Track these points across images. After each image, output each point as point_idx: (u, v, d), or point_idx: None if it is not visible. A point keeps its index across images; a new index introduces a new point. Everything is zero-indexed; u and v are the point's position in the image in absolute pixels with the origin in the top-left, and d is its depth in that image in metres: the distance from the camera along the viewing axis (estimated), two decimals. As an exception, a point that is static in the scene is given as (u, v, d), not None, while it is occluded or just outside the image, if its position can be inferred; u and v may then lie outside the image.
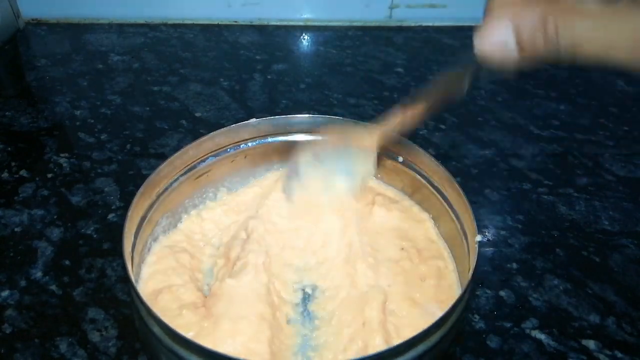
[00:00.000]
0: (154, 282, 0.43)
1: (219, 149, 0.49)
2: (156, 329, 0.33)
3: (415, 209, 0.51)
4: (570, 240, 0.55)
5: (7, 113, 0.71)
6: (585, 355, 0.44)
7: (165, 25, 0.96)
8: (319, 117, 0.50)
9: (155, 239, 0.46)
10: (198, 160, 0.48)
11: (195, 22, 0.96)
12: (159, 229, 0.46)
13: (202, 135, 0.68)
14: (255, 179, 0.53)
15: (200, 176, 0.48)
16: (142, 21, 0.96)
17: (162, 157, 0.64)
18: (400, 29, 0.97)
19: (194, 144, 0.46)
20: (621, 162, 0.66)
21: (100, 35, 0.92)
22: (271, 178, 0.52)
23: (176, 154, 0.45)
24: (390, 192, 0.53)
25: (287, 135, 0.51)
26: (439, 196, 0.47)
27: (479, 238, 0.39)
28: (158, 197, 0.45)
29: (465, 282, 0.36)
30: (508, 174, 0.63)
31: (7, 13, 0.79)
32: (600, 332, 0.46)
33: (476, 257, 0.38)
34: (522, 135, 0.70)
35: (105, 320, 0.45)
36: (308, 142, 0.48)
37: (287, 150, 0.49)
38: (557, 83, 0.82)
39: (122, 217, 0.55)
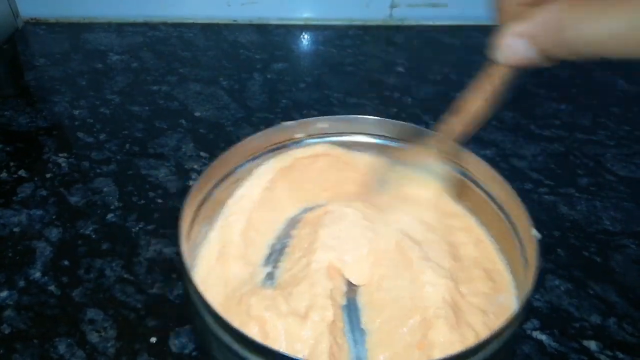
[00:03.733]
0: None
1: (255, 152, 0.48)
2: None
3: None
4: (571, 240, 0.55)
5: (5, 113, 0.71)
6: (587, 356, 0.44)
7: (165, 24, 0.95)
8: (361, 117, 0.49)
9: (204, 235, 0.45)
10: (237, 165, 0.47)
11: (194, 22, 0.96)
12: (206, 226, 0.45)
13: (202, 135, 0.68)
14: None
15: (237, 180, 0.47)
16: (141, 20, 0.96)
17: (162, 157, 0.64)
18: (400, 28, 0.97)
19: (231, 149, 0.45)
20: (622, 162, 0.65)
21: (99, 35, 0.92)
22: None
23: (216, 160, 0.44)
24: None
25: (341, 136, 0.50)
26: (482, 193, 0.46)
27: (535, 233, 0.38)
28: (200, 205, 0.44)
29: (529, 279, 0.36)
30: (509, 173, 0.63)
31: (5, 12, 0.78)
32: (602, 332, 0.46)
33: (537, 250, 0.36)
34: (523, 135, 0.70)
35: (104, 320, 0.45)
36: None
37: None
38: (558, 83, 0.82)
39: (121, 217, 0.55)
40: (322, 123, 0.49)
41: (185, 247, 0.37)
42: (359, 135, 0.51)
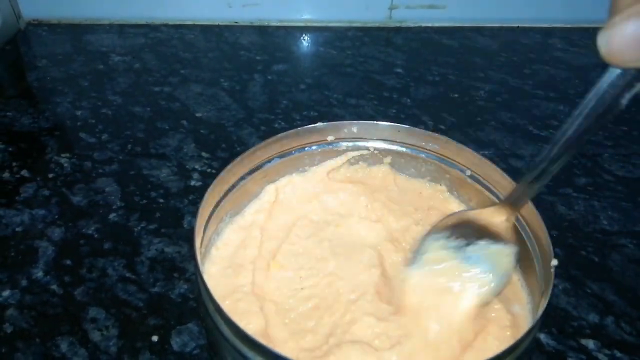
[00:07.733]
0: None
1: (285, 150, 0.49)
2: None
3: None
4: (569, 240, 0.55)
5: (8, 113, 0.72)
6: (584, 355, 0.44)
7: (166, 25, 0.96)
8: (386, 124, 0.49)
9: (218, 234, 0.45)
10: (264, 160, 0.47)
11: (195, 23, 0.96)
12: (222, 225, 0.46)
13: (204, 135, 0.69)
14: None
15: (266, 176, 0.48)
16: (142, 22, 0.96)
17: (163, 157, 0.64)
18: (399, 30, 0.97)
19: (262, 144, 0.46)
20: (620, 162, 0.66)
21: (101, 36, 0.92)
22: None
23: (245, 154, 0.45)
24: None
25: (351, 141, 0.50)
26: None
27: (555, 262, 0.35)
28: (226, 194, 0.44)
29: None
30: (507, 174, 0.63)
31: (8, 14, 0.79)
32: (599, 331, 0.46)
33: (552, 281, 0.34)
34: (521, 136, 0.70)
35: (106, 319, 0.46)
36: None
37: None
38: (556, 83, 0.82)
39: (123, 217, 0.56)
40: (353, 127, 0.49)
41: (198, 241, 0.37)
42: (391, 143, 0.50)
